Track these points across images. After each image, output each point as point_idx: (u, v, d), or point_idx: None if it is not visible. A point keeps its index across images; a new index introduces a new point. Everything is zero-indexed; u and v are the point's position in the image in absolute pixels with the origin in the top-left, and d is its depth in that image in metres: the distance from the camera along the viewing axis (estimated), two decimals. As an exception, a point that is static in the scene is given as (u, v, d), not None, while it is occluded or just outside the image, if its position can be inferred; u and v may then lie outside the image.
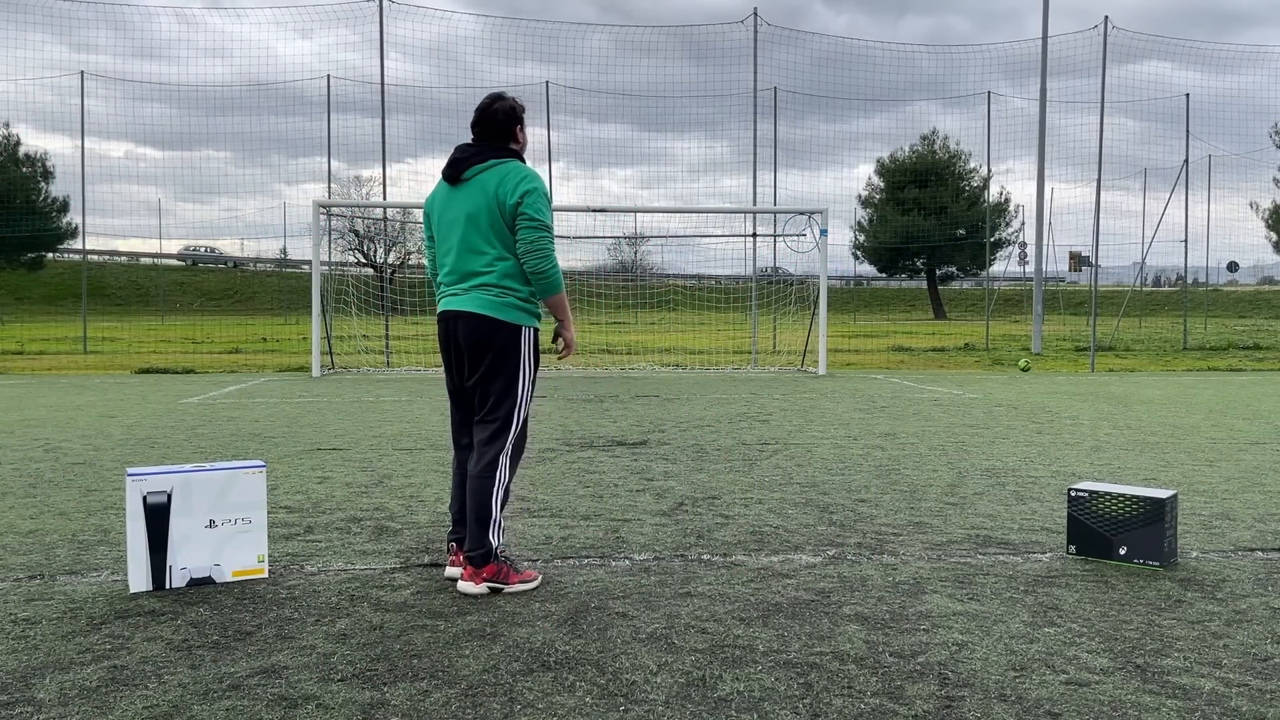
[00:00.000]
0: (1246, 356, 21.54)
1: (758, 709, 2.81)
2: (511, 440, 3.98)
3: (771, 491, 5.99)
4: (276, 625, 3.54)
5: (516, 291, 3.93)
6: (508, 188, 3.88)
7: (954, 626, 3.52)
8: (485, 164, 3.96)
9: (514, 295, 3.93)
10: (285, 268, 60.12)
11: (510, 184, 3.89)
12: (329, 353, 17.16)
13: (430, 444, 8.00)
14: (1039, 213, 23.69)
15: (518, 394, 3.96)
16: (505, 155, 3.99)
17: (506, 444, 3.96)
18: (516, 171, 3.93)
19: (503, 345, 3.93)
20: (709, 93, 28.47)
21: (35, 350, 22.15)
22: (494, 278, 3.93)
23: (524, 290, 3.94)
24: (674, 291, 23.83)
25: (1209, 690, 2.96)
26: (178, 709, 2.80)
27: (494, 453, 3.95)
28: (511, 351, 3.94)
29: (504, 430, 3.96)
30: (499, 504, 3.94)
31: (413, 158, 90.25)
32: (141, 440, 8.22)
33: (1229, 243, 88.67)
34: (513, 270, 3.92)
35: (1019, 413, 10.38)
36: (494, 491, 3.93)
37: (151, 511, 3.93)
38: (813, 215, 17.17)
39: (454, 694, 2.92)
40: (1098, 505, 4.40)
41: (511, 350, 3.94)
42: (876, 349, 23.96)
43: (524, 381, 3.97)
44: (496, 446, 3.95)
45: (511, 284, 3.93)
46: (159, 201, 58.17)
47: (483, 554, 3.89)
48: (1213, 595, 3.91)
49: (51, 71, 29.85)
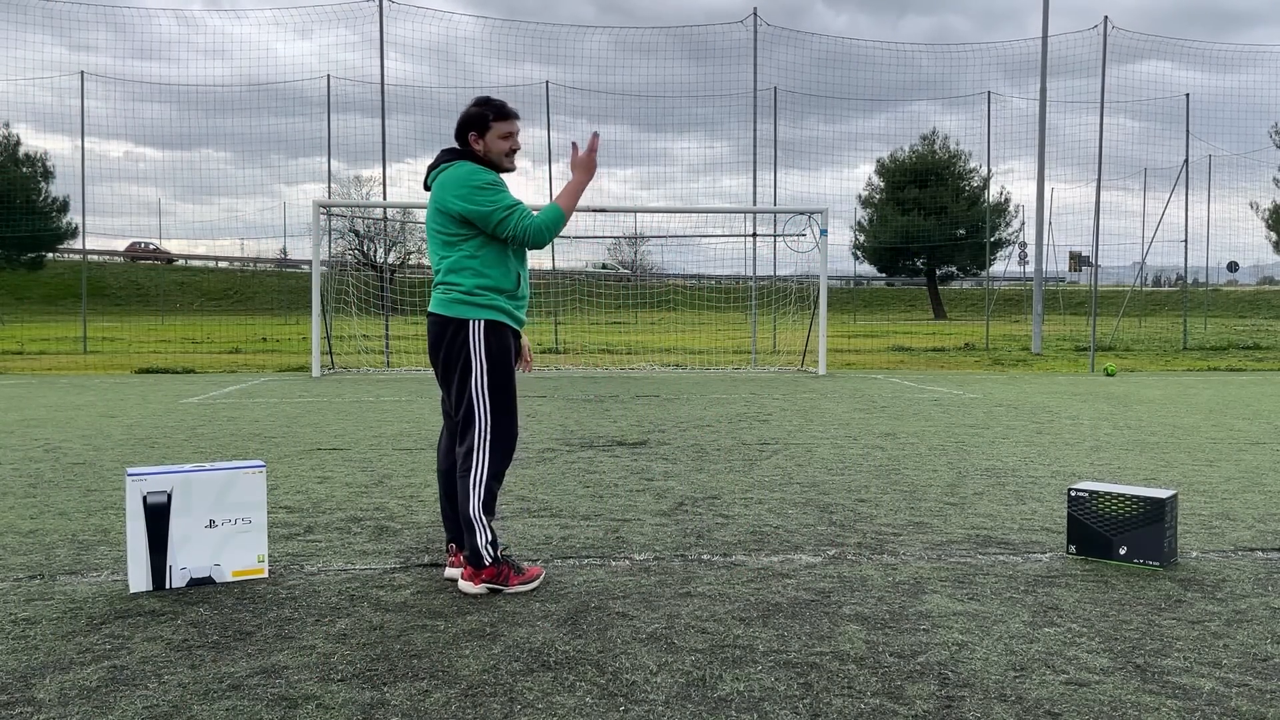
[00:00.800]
0: (1246, 356, 21.54)
1: (758, 709, 2.81)
2: (481, 436, 3.94)
3: (771, 491, 5.99)
4: (276, 625, 3.54)
5: (459, 285, 3.93)
6: (447, 197, 3.92)
7: (954, 626, 3.52)
8: (440, 168, 4.03)
9: (458, 290, 3.94)
10: (285, 268, 60.13)
11: (448, 192, 3.92)
12: (329, 353, 17.16)
13: (430, 444, 8.00)
14: (1039, 213, 23.70)
15: (471, 387, 3.93)
16: (456, 158, 4.03)
17: (475, 440, 3.94)
18: (451, 176, 3.95)
19: (450, 340, 3.95)
20: (709, 93, 28.46)
21: (35, 350, 22.16)
22: (441, 275, 3.99)
23: (468, 284, 3.92)
24: (674, 291, 23.82)
25: (1209, 690, 2.96)
26: (178, 709, 2.80)
27: (465, 450, 3.96)
28: (459, 345, 3.94)
29: (469, 426, 3.96)
30: (479, 504, 3.91)
31: (413, 158, 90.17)
32: (141, 440, 8.22)
33: (1229, 243, 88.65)
34: (456, 265, 3.94)
35: (1019, 413, 10.38)
36: (470, 491, 3.91)
37: (151, 511, 3.93)
38: (813, 215, 17.17)
39: (454, 694, 2.92)
40: (1098, 505, 4.40)
41: (459, 344, 3.94)
42: (876, 349, 23.96)
43: (477, 374, 3.93)
44: (466, 443, 3.96)
45: (455, 279, 3.94)
46: (159, 201, 58.20)
47: (478, 557, 3.91)
48: (1213, 595, 3.91)
49: (51, 72, 29.82)
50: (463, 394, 3.96)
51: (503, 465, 4.00)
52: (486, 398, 3.95)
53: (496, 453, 3.97)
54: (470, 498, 3.92)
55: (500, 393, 3.97)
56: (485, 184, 3.90)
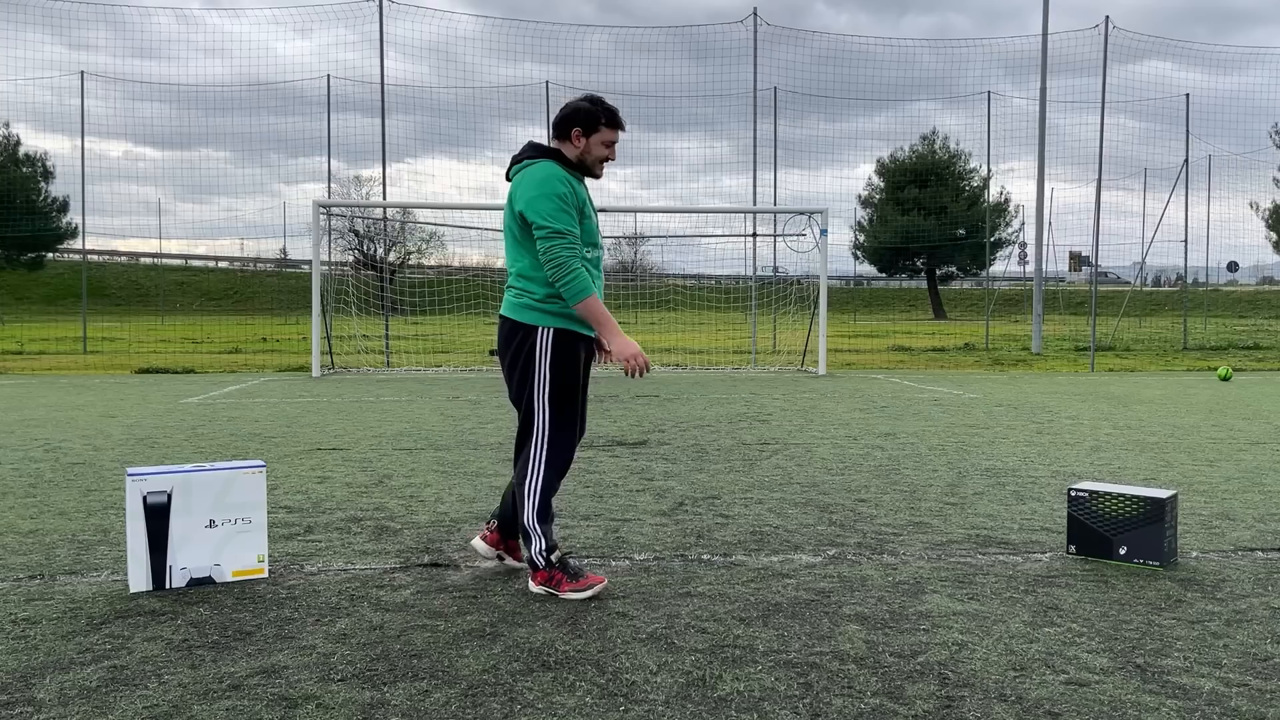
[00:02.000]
0: (1246, 356, 21.54)
1: (758, 709, 2.81)
2: (538, 448, 3.91)
3: (771, 491, 5.99)
4: (276, 625, 3.54)
5: (531, 293, 3.88)
6: (518, 193, 3.85)
7: (954, 626, 3.52)
8: (520, 164, 3.96)
9: (530, 296, 3.88)
10: (285, 268, 60.11)
11: (520, 189, 3.85)
12: (329, 353, 17.15)
13: (430, 444, 8.00)
14: (1039, 213, 23.70)
15: (533, 394, 3.90)
16: (540, 155, 3.94)
17: (532, 451, 3.92)
18: (530, 175, 3.86)
19: (518, 345, 3.91)
20: (709, 92, 28.46)
21: (35, 350, 22.16)
22: (513, 278, 3.94)
23: (540, 291, 3.87)
24: (674, 291, 23.80)
25: (1209, 690, 2.96)
26: (178, 709, 2.80)
27: (524, 459, 3.96)
28: (524, 352, 3.89)
29: (527, 435, 3.95)
30: (535, 513, 3.89)
31: (413, 158, 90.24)
32: (141, 440, 8.22)
33: (1229, 243, 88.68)
34: (527, 269, 3.88)
35: (1019, 413, 10.38)
36: (526, 500, 3.91)
37: (151, 511, 3.93)
38: (813, 215, 17.16)
39: (454, 694, 2.92)
40: (1098, 505, 4.40)
41: (524, 350, 3.89)
42: (876, 349, 23.96)
43: (538, 382, 3.88)
44: (525, 452, 3.95)
45: (524, 284, 3.90)
46: (159, 201, 58.19)
47: (530, 561, 3.93)
48: (1213, 595, 3.91)
49: (51, 71, 29.83)
50: (521, 400, 3.94)
51: (557, 479, 3.97)
52: (547, 407, 3.90)
53: (551, 468, 3.94)
54: (526, 507, 3.92)
55: (560, 402, 3.91)
56: (554, 196, 3.78)
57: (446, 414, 10.21)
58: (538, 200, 3.78)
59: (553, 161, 3.90)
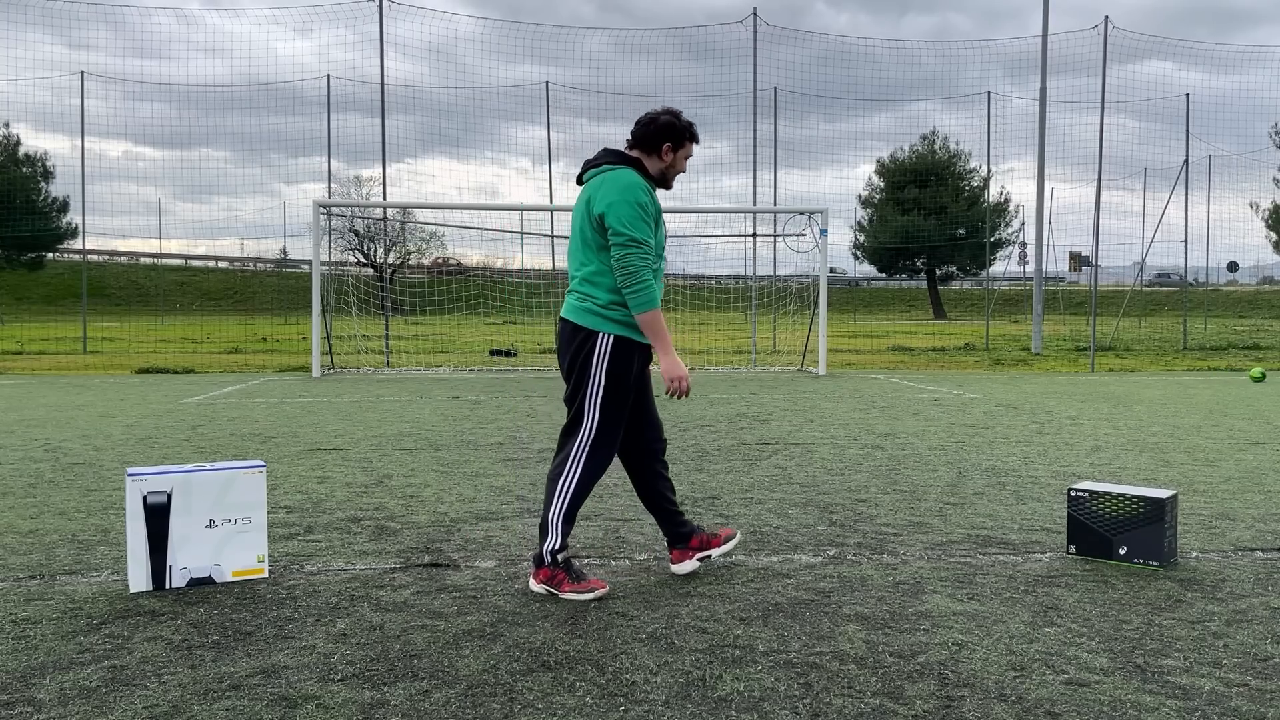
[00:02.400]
0: (1246, 356, 21.54)
1: (758, 709, 2.81)
2: (580, 449, 3.92)
3: (771, 491, 5.99)
4: (276, 625, 3.54)
5: (595, 298, 3.89)
6: (599, 196, 3.85)
7: (954, 626, 3.52)
8: (598, 168, 3.95)
9: (593, 301, 3.89)
10: (285, 268, 60.11)
11: (602, 192, 3.85)
12: (329, 353, 17.16)
13: (430, 444, 8.00)
14: (1039, 213, 23.71)
15: (585, 399, 3.90)
16: (621, 162, 3.95)
17: (573, 450, 3.93)
18: (614, 180, 3.86)
19: (577, 348, 3.92)
20: (709, 93, 28.45)
21: (35, 350, 22.16)
22: (578, 283, 3.95)
23: (604, 297, 3.88)
24: (674, 291, 23.80)
25: (1209, 690, 2.96)
26: (178, 709, 2.80)
27: (563, 455, 3.96)
28: (584, 356, 3.90)
29: (573, 433, 3.96)
30: (561, 512, 3.90)
31: (413, 157, 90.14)
32: (141, 440, 8.22)
33: (1229, 243, 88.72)
34: (595, 276, 3.89)
35: (1019, 413, 10.38)
36: (556, 496, 3.92)
37: (151, 511, 3.93)
38: (813, 215, 17.17)
39: (454, 694, 2.92)
40: (1098, 505, 4.40)
41: (584, 355, 3.90)
42: (876, 349, 23.96)
43: (593, 388, 3.89)
44: (566, 449, 3.96)
45: (590, 290, 3.90)
46: (159, 201, 58.20)
47: (538, 557, 3.93)
48: (1213, 595, 3.91)
49: (50, 71, 29.82)
50: (574, 402, 3.96)
51: (591, 483, 3.97)
52: (598, 412, 3.91)
53: (588, 471, 3.94)
54: (554, 503, 3.92)
55: (612, 409, 3.92)
56: (636, 204, 3.80)
57: (446, 414, 10.21)
58: (620, 205, 3.79)
59: (635, 172, 3.92)
